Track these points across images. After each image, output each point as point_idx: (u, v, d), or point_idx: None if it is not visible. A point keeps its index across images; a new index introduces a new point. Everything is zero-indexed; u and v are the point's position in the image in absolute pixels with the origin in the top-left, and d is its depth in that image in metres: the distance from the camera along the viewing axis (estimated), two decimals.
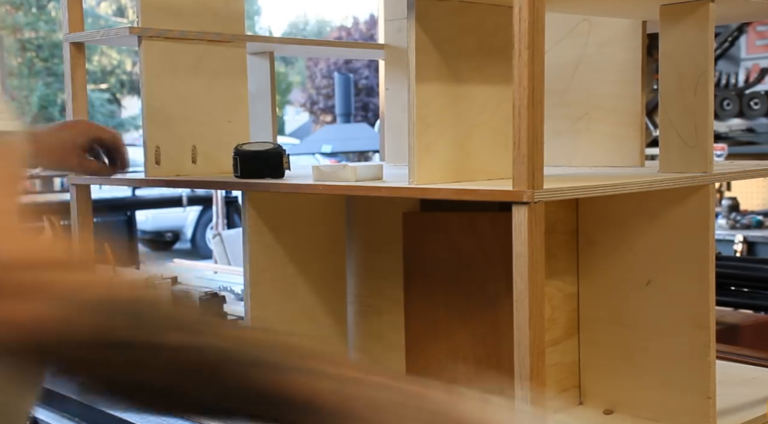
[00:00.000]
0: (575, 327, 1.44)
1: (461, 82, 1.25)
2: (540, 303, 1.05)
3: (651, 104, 4.54)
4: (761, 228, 5.44)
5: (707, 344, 1.30)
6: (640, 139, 1.52)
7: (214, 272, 3.27)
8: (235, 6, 1.70)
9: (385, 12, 1.83)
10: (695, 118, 1.30)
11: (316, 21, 29.57)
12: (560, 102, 1.57)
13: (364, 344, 1.54)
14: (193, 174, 1.63)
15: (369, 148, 11.68)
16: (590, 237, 1.42)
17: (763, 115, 6.10)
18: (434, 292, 1.42)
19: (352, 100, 13.13)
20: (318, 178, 1.32)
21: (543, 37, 1.04)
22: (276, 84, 1.86)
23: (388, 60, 1.82)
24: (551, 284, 1.39)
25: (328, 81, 18.89)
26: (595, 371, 1.43)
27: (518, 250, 1.04)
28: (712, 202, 1.30)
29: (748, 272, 2.94)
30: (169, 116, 1.61)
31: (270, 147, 1.44)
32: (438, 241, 1.41)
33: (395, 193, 1.23)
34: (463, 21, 1.24)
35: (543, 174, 1.06)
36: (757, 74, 6.40)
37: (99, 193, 9.01)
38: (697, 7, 1.29)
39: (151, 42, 1.57)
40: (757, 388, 1.51)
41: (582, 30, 1.54)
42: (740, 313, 2.70)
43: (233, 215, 8.94)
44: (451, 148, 1.24)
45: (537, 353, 1.05)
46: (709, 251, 1.29)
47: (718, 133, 6.00)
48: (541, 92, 1.04)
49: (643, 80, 1.50)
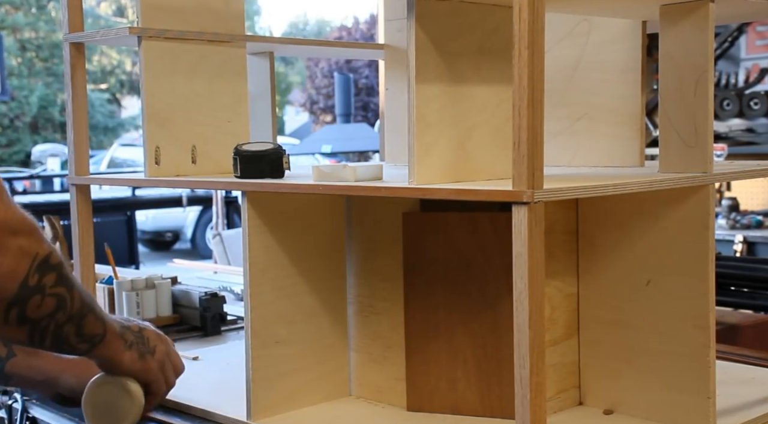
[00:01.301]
0: (575, 327, 1.45)
1: (461, 82, 1.25)
2: (540, 303, 1.05)
3: (651, 104, 4.54)
4: (761, 228, 5.44)
5: (707, 344, 1.30)
6: (640, 139, 1.52)
7: (214, 272, 3.27)
8: (235, 6, 1.70)
9: (385, 12, 1.83)
10: (695, 118, 1.30)
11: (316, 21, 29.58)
12: (560, 102, 1.57)
13: (364, 344, 1.54)
14: (193, 174, 1.63)
15: (369, 148, 11.68)
16: (590, 237, 1.42)
17: (763, 115, 6.10)
18: (434, 292, 1.42)
19: (352, 100, 13.13)
20: (318, 179, 1.32)
21: (543, 37, 1.04)
22: (276, 84, 1.86)
23: (388, 60, 1.82)
24: (551, 284, 1.39)
25: (328, 81, 18.90)
26: (595, 371, 1.43)
27: (518, 250, 1.04)
28: (712, 202, 1.30)
29: (748, 272, 2.94)
30: (169, 116, 1.61)
31: (270, 147, 1.44)
32: (438, 241, 1.41)
33: (395, 194, 1.23)
34: (463, 21, 1.24)
35: (543, 174, 1.06)
36: (757, 74, 6.40)
37: (99, 193, 9.02)
38: (697, 7, 1.29)
39: (151, 42, 1.57)
40: (757, 388, 1.51)
41: (582, 30, 1.54)
42: (740, 313, 2.69)
43: (233, 215, 8.94)
44: (451, 148, 1.24)
45: (537, 353, 1.05)
46: (709, 251, 1.29)
47: (718, 133, 6.00)
48: (541, 92, 1.04)
49: (643, 80, 1.50)
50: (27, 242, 1.07)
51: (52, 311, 1.12)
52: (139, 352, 1.30)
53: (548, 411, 1.15)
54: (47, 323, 1.13)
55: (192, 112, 1.63)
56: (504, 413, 1.38)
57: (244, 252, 1.41)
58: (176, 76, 1.60)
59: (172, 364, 1.38)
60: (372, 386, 1.52)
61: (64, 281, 1.13)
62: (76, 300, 1.16)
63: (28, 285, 1.07)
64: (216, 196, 6.67)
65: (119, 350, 1.27)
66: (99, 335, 1.22)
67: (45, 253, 1.09)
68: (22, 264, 1.06)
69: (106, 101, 20.60)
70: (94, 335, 1.21)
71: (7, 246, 1.04)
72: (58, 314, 1.13)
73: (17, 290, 1.07)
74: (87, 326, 1.19)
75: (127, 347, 1.28)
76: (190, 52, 1.62)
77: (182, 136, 1.62)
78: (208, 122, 1.65)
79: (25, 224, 1.07)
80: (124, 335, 1.28)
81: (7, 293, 1.06)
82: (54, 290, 1.11)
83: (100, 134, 19.35)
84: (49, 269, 1.10)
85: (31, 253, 1.07)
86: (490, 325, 1.38)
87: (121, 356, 1.27)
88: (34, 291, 1.09)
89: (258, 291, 1.41)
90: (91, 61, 19.69)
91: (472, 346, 1.40)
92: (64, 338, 1.16)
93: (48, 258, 1.10)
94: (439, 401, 1.43)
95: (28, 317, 1.10)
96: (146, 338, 1.33)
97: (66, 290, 1.13)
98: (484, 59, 1.27)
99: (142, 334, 1.32)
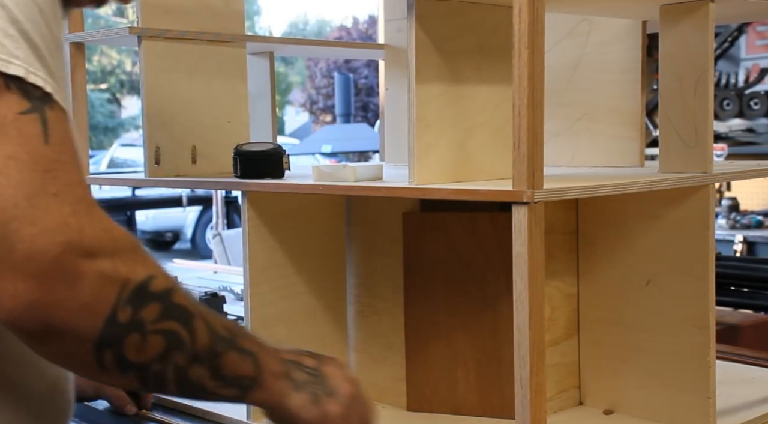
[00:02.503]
0: (575, 327, 1.45)
1: (461, 82, 1.25)
2: (540, 303, 1.05)
3: (651, 104, 4.54)
4: (761, 228, 5.45)
5: (707, 344, 1.30)
6: (640, 139, 1.52)
7: (214, 272, 3.27)
8: (235, 6, 1.70)
9: (385, 12, 1.83)
10: (695, 118, 1.30)
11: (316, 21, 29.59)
12: (560, 102, 1.57)
13: (364, 344, 1.54)
14: (193, 174, 1.63)
15: (369, 148, 11.68)
16: (590, 237, 1.42)
17: (763, 115, 6.11)
18: (434, 292, 1.42)
19: (352, 100, 13.14)
20: (318, 179, 1.32)
21: (543, 37, 1.04)
22: (276, 84, 1.86)
23: (388, 60, 1.82)
24: (551, 284, 1.39)
25: (328, 81, 18.89)
26: (595, 371, 1.43)
27: (518, 250, 1.04)
28: (712, 202, 1.30)
29: (748, 272, 2.94)
30: (169, 116, 1.61)
31: (270, 147, 1.44)
32: (438, 241, 1.41)
33: (395, 194, 1.23)
34: (463, 21, 1.24)
35: (543, 174, 1.06)
36: (757, 74, 6.41)
37: (99, 193, 9.02)
38: (697, 7, 1.29)
39: (151, 42, 1.57)
40: (757, 388, 1.51)
41: (582, 30, 1.54)
42: (740, 313, 2.70)
43: (233, 215, 8.94)
44: (451, 148, 1.24)
45: (537, 353, 1.05)
46: (709, 251, 1.29)
47: (718, 133, 6.01)
48: (541, 92, 1.04)
49: (643, 80, 1.50)
50: (111, 266, 0.82)
51: (162, 353, 0.86)
52: (313, 394, 0.99)
53: (548, 411, 1.15)
54: (161, 369, 0.87)
55: (192, 112, 1.63)
56: (504, 413, 1.37)
57: (244, 252, 1.41)
58: (176, 76, 1.60)
59: (357, 412, 1.02)
60: (372, 386, 1.52)
61: (175, 313, 0.87)
62: (201, 335, 0.89)
63: (117, 321, 0.82)
64: (216, 196, 6.67)
65: (283, 392, 0.97)
66: (250, 376, 0.94)
67: (139, 279, 0.84)
68: (106, 295, 0.81)
69: (106, 101, 20.61)
70: (242, 378, 0.94)
71: (82, 273, 0.79)
72: (175, 356, 0.87)
73: (102, 328, 0.81)
74: (228, 367, 0.92)
75: (296, 389, 0.98)
76: (190, 52, 1.62)
77: (182, 136, 1.62)
78: (208, 122, 1.65)
79: (109, 241, 0.83)
80: (290, 373, 0.99)
81: (89, 330, 0.81)
82: (159, 325, 0.85)
83: (100, 134, 19.37)
84: (147, 299, 0.84)
85: (117, 279, 0.82)
86: (490, 325, 1.38)
87: (287, 400, 0.97)
88: (129, 329, 0.83)
89: (258, 291, 1.41)
90: (91, 61, 19.69)
91: (472, 346, 1.40)
92: (196, 385, 0.91)
93: (145, 285, 0.84)
94: (439, 401, 1.43)
95: (130, 361, 0.85)
96: (324, 375, 1.02)
97: (180, 325, 0.87)
98: (484, 59, 1.27)
99: (319, 370, 1.02)
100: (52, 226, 0.77)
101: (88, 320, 0.81)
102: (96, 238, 0.81)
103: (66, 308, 0.78)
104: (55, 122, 0.80)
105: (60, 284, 0.77)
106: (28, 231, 0.76)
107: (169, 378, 0.88)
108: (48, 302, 0.77)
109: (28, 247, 0.75)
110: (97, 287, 0.80)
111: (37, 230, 0.76)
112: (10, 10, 0.80)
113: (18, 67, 0.79)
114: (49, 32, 0.84)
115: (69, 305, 0.79)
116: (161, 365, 0.86)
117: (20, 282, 0.76)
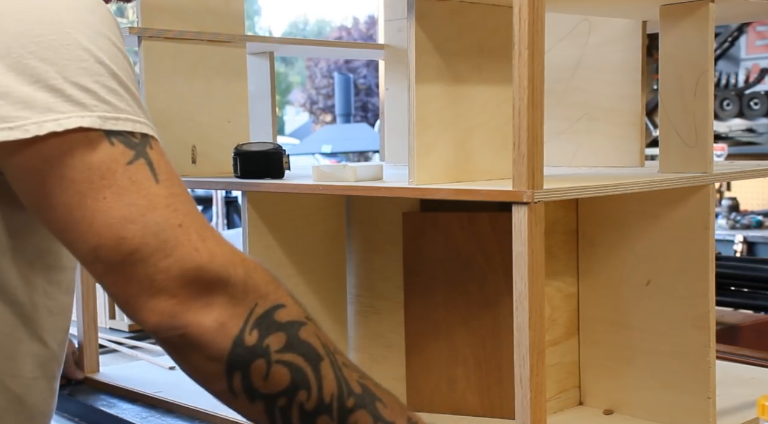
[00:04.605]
0: (575, 327, 1.45)
1: (461, 82, 1.25)
2: (540, 303, 1.05)
3: (651, 104, 4.55)
4: (761, 228, 5.45)
5: (707, 344, 1.30)
6: (640, 139, 1.52)
7: None
8: (235, 6, 1.70)
9: (385, 12, 1.83)
10: (695, 119, 1.30)
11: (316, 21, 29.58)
12: (560, 102, 1.57)
13: (364, 344, 1.54)
14: (193, 174, 1.63)
15: (369, 149, 11.68)
16: (590, 237, 1.42)
17: (763, 115, 6.11)
18: (434, 292, 1.42)
19: (352, 100, 13.13)
20: (318, 179, 1.32)
21: (543, 37, 1.04)
22: (276, 84, 1.86)
23: (388, 60, 1.82)
24: (551, 284, 1.39)
25: (328, 81, 18.90)
26: (595, 371, 1.43)
27: (518, 250, 1.04)
28: (712, 202, 1.30)
29: (748, 272, 2.94)
30: (169, 116, 1.61)
31: (270, 147, 1.44)
32: (438, 241, 1.41)
33: (395, 194, 1.23)
34: (463, 21, 1.24)
35: (543, 174, 1.06)
36: (757, 74, 6.41)
37: None
38: (697, 7, 1.29)
39: (151, 42, 1.57)
40: (757, 388, 1.51)
41: (582, 30, 1.54)
42: (740, 313, 2.70)
43: (233, 215, 8.93)
44: (451, 148, 1.24)
45: (537, 353, 1.05)
46: (709, 251, 1.29)
47: (718, 133, 6.01)
48: (541, 92, 1.04)
49: (643, 80, 1.50)
50: (242, 289, 0.84)
51: (287, 388, 0.85)
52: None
53: (548, 411, 1.15)
54: (287, 405, 0.85)
55: (192, 112, 1.63)
56: (504, 413, 1.38)
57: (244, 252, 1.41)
58: (176, 76, 1.60)
59: None
60: None
61: (302, 348, 0.86)
62: (328, 383, 0.86)
63: (244, 343, 0.83)
64: (216, 196, 6.66)
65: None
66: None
67: (268, 305, 0.85)
68: (234, 316, 0.84)
69: None
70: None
71: (213, 301, 0.83)
72: (300, 395, 0.85)
73: (231, 348, 0.83)
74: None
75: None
76: (189, 52, 1.62)
77: (182, 136, 1.62)
78: (208, 122, 1.65)
79: (238, 266, 0.85)
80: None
81: (220, 348, 0.83)
82: (284, 356, 0.84)
83: None
84: (273, 327, 0.85)
85: (246, 303, 0.84)
86: (489, 325, 1.38)
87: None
88: (255, 353, 0.84)
89: None
90: None
91: (472, 346, 1.40)
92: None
93: (272, 312, 0.85)
94: (439, 401, 1.43)
95: (257, 390, 0.85)
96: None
97: (306, 362, 0.85)
98: (484, 59, 1.27)
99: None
100: (183, 255, 0.82)
101: (218, 337, 0.83)
102: (226, 261, 0.84)
103: (200, 325, 0.83)
104: (158, 160, 0.86)
105: (195, 302, 0.83)
106: (164, 263, 0.81)
107: (296, 420, 0.86)
108: (186, 321, 0.83)
109: (165, 277, 0.82)
110: (226, 308, 0.84)
111: (171, 260, 0.82)
112: (107, 65, 0.86)
113: (125, 123, 0.85)
114: (130, 66, 0.90)
115: (203, 322, 0.83)
116: (286, 401, 0.85)
117: (163, 302, 0.82)
